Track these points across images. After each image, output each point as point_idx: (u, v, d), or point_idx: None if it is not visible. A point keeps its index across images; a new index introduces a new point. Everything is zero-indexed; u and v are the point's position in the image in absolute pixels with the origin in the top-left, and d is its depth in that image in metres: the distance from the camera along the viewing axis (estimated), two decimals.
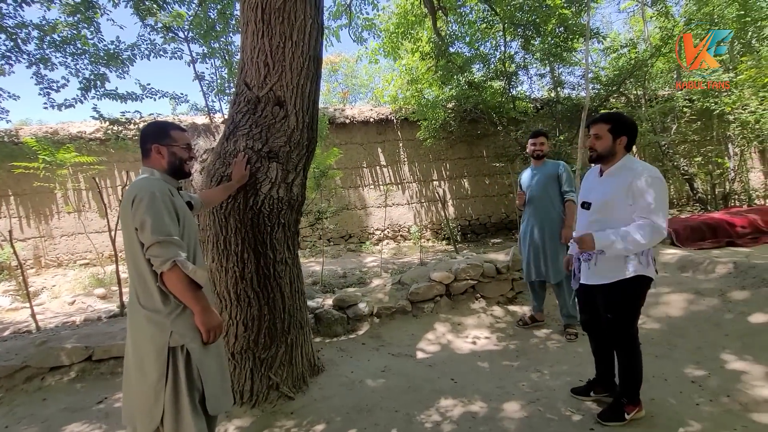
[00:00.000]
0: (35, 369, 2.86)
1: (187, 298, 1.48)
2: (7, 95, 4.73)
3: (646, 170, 1.94)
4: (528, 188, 3.38)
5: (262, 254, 2.40)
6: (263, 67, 2.33)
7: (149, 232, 1.42)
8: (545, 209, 3.28)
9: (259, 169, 2.31)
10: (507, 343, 3.23)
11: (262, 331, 2.46)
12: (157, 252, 1.42)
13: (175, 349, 1.48)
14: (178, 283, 1.45)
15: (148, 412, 1.48)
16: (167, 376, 1.46)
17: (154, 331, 1.48)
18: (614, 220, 1.97)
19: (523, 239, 3.43)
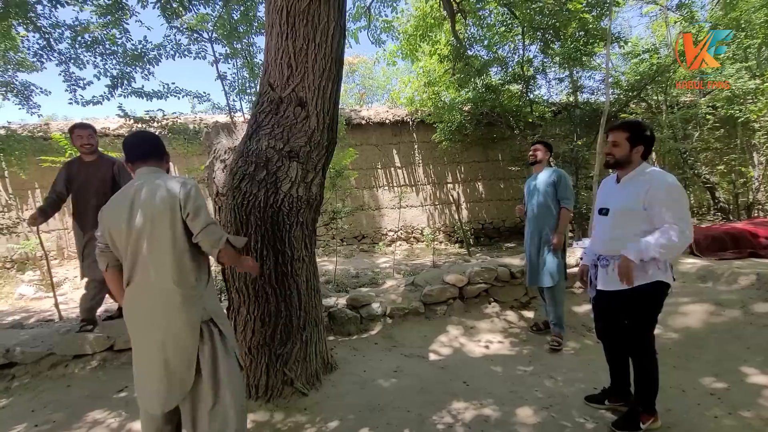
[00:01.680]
0: (60, 356, 2.96)
1: (236, 261, 1.77)
2: (39, 91, 4.93)
3: (663, 178, 1.95)
4: (528, 194, 3.47)
5: (281, 251, 2.45)
6: (286, 68, 2.38)
7: (205, 216, 1.61)
8: (542, 215, 3.31)
9: (280, 168, 2.36)
10: (520, 348, 3.22)
11: (278, 326, 2.50)
12: (213, 231, 1.62)
13: (207, 322, 1.65)
14: (232, 255, 1.69)
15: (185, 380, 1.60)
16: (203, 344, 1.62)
17: (189, 308, 1.61)
18: (632, 226, 1.97)
19: (525, 245, 3.47)
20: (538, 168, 3.41)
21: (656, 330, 2.09)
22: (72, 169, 3.16)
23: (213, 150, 2.66)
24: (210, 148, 2.72)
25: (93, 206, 3.24)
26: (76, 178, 3.16)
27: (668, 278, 1.98)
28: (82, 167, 3.20)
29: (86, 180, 3.19)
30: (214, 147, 2.66)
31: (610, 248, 2.04)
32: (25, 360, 2.90)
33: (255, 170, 2.36)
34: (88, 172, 3.20)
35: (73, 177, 3.15)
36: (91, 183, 3.19)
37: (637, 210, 1.96)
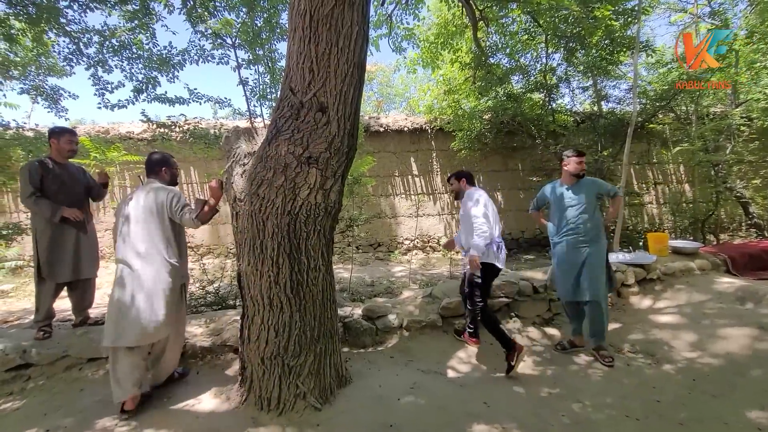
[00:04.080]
0: (75, 358, 2.95)
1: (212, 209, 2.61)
2: (68, 95, 5.05)
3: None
4: (560, 205, 3.26)
5: (297, 260, 2.38)
6: (308, 72, 2.33)
7: (182, 201, 2.59)
8: (585, 225, 3.14)
9: (299, 174, 2.30)
10: (544, 367, 3.05)
11: (292, 337, 2.43)
12: (188, 210, 2.56)
13: (183, 284, 2.68)
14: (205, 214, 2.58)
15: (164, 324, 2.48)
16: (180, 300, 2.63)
17: (174, 275, 2.54)
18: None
19: (561, 258, 3.26)
20: (570, 180, 3.24)
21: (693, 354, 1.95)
22: (46, 169, 3.13)
23: (232, 154, 2.62)
24: (229, 152, 2.69)
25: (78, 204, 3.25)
26: (58, 178, 3.15)
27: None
28: (63, 168, 3.22)
29: (72, 181, 3.25)
30: (234, 151, 2.63)
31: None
32: (41, 361, 2.90)
33: (273, 176, 2.30)
34: (70, 174, 3.26)
35: (54, 177, 3.15)
36: (77, 184, 3.28)
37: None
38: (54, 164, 3.20)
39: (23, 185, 3.06)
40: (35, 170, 3.09)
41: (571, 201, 3.20)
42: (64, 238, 3.13)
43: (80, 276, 3.24)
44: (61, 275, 3.13)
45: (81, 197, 3.35)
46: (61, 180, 3.19)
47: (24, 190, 3.05)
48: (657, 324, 3.56)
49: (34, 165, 3.12)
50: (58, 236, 3.11)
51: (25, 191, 3.05)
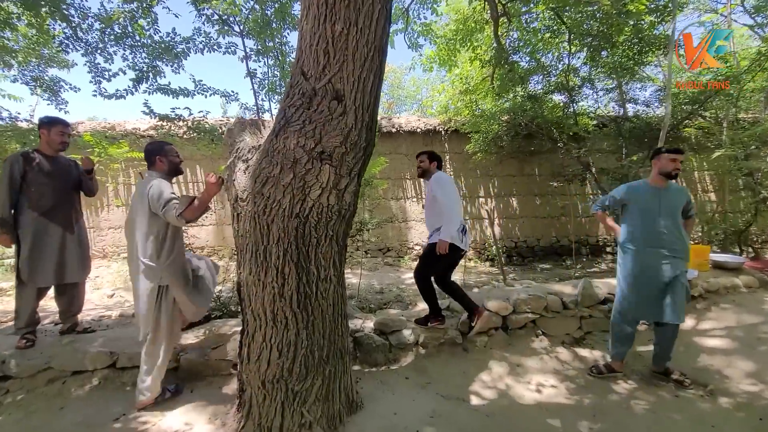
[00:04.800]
0: (57, 371, 2.67)
1: (202, 207, 2.37)
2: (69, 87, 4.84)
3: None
4: (648, 210, 2.80)
5: (305, 270, 2.07)
6: (323, 55, 2.03)
7: (166, 196, 2.33)
8: (673, 238, 2.74)
9: (310, 172, 2.00)
10: (580, 396, 2.70)
11: (298, 358, 2.12)
12: (173, 205, 2.32)
13: (161, 287, 2.42)
14: (192, 210, 2.35)
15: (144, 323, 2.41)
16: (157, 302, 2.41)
17: (149, 275, 2.39)
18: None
19: (639, 270, 2.79)
20: (661, 181, 2.82)
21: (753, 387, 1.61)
22: (30, 162, 2.87)
23: (235, 149, 2.33)
24: (232, 146, 2.40)
25: (67, 201, 3.00)
26: (45, 173, 2.90)
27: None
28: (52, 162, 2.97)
29: (61, 175, 2.99)
30: (237, 145, 2.34)
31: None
32: (21, 374, 2.63)
33: (280, 173, 2.00)
34: (60, 168, 3.01)
35: (39, 171, 2.88)
36: (67, 179, 3.03)
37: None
38: (42, 157, 2.94)
39: (2, 178, 2.81)
40: (17, 164, 2.84)
41: (663, 206, 2.76)
42: (48, 238, 2.87)
43: (65, 280, 2.97)
44: (42, 279, 2.87)
45: (70, 193, 3.09)
46: (49, 174, 2.93)
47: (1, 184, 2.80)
48: (704, 348, 3.19)
49: (17, 157, 2.87)
50: (40, 235, 2.85)
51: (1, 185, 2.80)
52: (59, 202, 2.97)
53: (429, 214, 3.30)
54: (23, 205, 2.86)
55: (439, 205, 3.11)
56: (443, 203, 3.09)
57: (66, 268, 2.96)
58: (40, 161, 2.93)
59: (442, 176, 3.24)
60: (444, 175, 3.29)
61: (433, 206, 3.21)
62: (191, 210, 2.34)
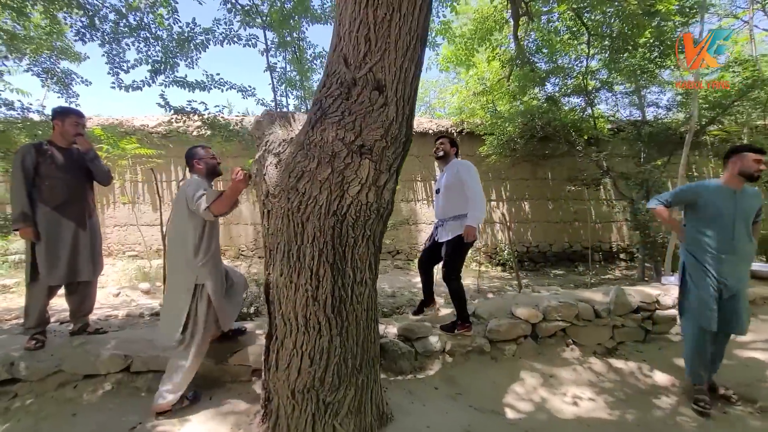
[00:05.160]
0: (69, 375, 2.53)
1: (228, 201, 2.35)
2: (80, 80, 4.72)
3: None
4: (726, 213, 2.58)
5: (341, 272, 1.93)
6: (364, 42, 1.90)
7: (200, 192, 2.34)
8: (745, 245, 2.56)
9: (349, 166, 1.86)
10: (621, 411, 2.55)
11: (330, 367, 1.97)
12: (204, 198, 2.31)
13: (197, 286, 2.36)
14: (220, 203, 2.33)
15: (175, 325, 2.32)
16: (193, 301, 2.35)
17: (187, 273, 2.36)
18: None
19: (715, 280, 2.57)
20: (738, 183, 2.59)
21: None
22: (43, 154, 2.73)
23: (264, 142, 2.20)
24: (260, 139, 2.26)
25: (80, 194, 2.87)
26: (58, 165, 2.76)
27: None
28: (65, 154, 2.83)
29: (75, 168, 2.86)
30: (266, 138, 2.20)
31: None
32: (30, 377, 2.48)
33: (317, 167, 1.87)
34: (74, 160, 2.87)
35: (52, 163, 2.74)
36: (81, 172, 2.89)
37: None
38: (55, 149, 2.81)
39: (14, 170, 2.68)
40: (30, 155, 2.71)
41: (739, 210, 2.55)
42: (61, 234, 2.73)
43: (77, 278, 2.83)
44: (54, 276, 2.73)
45: (84, 186, 2.95)
46: (62, 167, 2.79)
47: (15, 176, 2.67)
48: (746, 362, 3.04)
49: (30, 148, 2.74)
50: (53, 231, 2.71)
51: (15, 177, 2.68)
52: (72, 195, 2.83)
53: (446, 200, 3.17)
54: (35, 199, 2.73)
55: (467, 189, 3.05)
56: (472, 188, 3.04)
57: (78, 265, 2.83)
58: (52, 153, 2.79)
59: (468, 162, 3.19)
60: (468, 162, 3.21)
61: (453, 192, 3.12)
62: (218, 203, 2.31)
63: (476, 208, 3.01)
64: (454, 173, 3.16)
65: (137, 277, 7.30)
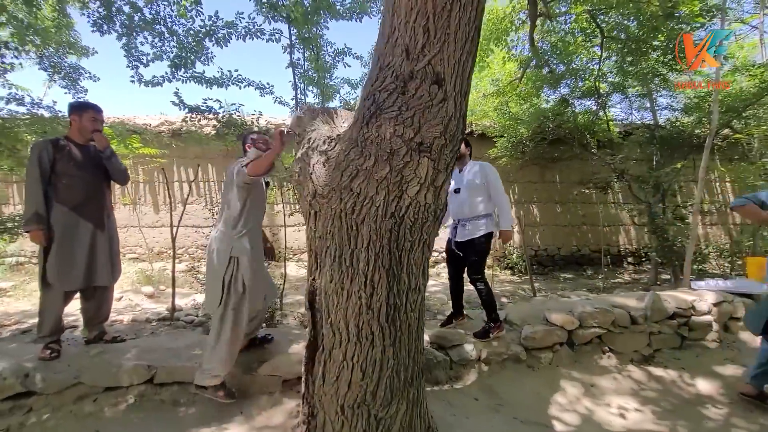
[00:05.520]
0: (88, 387, 2.36)
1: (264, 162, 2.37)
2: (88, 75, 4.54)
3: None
4: None
5: (396, 278, 1.80)
6: (422, 33, 1.77)
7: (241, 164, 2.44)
8: None
9: (408, 165, 1.74)
10: (672, 422, 2.44)
11: (383, 380, 1.84)
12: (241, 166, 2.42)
13: (232, 258, 2.41)
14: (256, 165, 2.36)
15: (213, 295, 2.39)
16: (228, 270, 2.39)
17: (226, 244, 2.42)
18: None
19: None
20: None
21: None
22: (61, 150, 2.58)
23: (306, 139, 2.06)
24: (301, 136, 2.13)
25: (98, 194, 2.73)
26: (76, 162, 2.62)
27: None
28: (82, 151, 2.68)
29: (93, 166, 2.71)
30: (308, 135, 2.07)
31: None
32: (46, 389, 2.30)
33: (374, 165, 1.74)
34: (91, 158, 2.73)
35: (70, 160, 2.59)
36: (98, 170, 2.75)
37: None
38: (72, 145, 2.65)
39: (30, 167, 2.51)
40: (47, 151, 2.54)
41: None
42: (78, 236, 2.57)
43: (94, 282, 2.67)
44: (70, 281, 2.56)
45: (102, 185, 2.80)
46: (80, 164, 2.63)
47: (30, 173, 2.51)
48: None
49: (47, 144, 2.57)
50: (70, 232, 2.55)
51: (31, 174, 2.51)
52: (91, 195, 2.68)
53: (470, 200, 3.13)
54: (51, 199, 2.57)
55: (494, 191, 3.09)
56: (499, 190, 3.09)
57: (96, 269, 2.66)
58: (70, 149, 2.63)
59: (491, 166, 3.23)
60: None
61: (476, 192, 3.11)
62: (253, 165, 2.37)
63: (507, 210, 3.09)
64: (476, 173, 3.15)
65: (140, 280, 7.08)
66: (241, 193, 2.48)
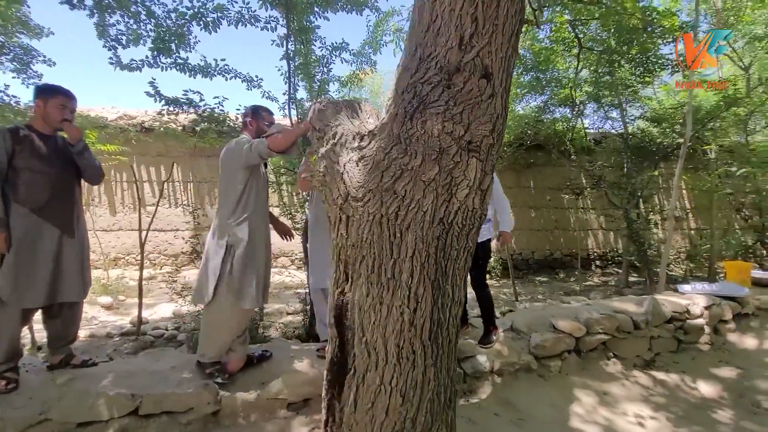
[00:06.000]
0: (58, 424, 1.98)
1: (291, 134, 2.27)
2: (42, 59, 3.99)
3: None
4: None
5: (441, 291, 1.63)
6: (470, 22, 1.62)
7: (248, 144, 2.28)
8: None
9: (458, 165, 1.57)
10: (687, 428, 2.44)
11: (423, 404, 1.66)
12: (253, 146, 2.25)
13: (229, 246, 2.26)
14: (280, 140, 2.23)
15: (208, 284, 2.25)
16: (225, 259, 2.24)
17: (223, 230, 2.29)
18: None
19: None
20: None
21: None
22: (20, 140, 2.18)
23: (332, 134, 1.85)
24: (323, 132, 1.91)
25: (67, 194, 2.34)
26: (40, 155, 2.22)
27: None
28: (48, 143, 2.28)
29: (60, 160, 2.32)
30: (334, 130, 1.86)
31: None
32: (5, 428, 1.90)
33: (421, 165, 1.56)
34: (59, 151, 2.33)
35: (33, 153, 2.21)
36: (67, 165, 2.35)
37: None
38: (35, 136, 2.25)
39: None
40: (4, 141, 2.14)
41: None
42: (41, 243, 2.18)
43: (59, 299, 2.27)
44: (30, 297, 2.16)
45: (71, 184, 2.41)
46: (44, 158, 2.24)
47: None
48: None
49: (3, 134, 2.16)
50: (32, 239, 2.15)
51: None
52: (57, 195, 2.28)
53: None
54: (8, 198, 2.16)
55: (495, 194, 3.06)
56: (499, 191, 3.10)
57: (63, 283, 2.26)
58: (32, 140, 2.23)
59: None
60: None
61: None
62: (276, 138, 2.22)
63: (508, 213, 3.18)
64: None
65: (95, 290, 6.39)
66: (244, 172, 2.31)
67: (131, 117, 7.97)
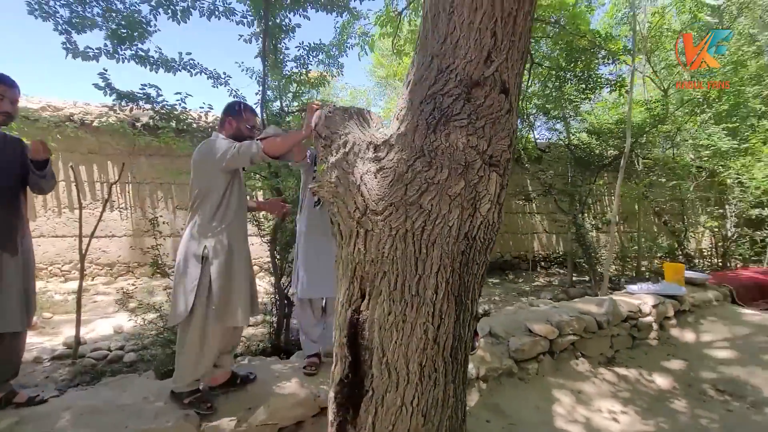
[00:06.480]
0: None
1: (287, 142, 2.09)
2: None
3: None
4: None
5: (463, 306, 1.61)
6: (489, 37, 1.62)
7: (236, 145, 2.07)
8: None
9: (481, 180, 1.57)
10: (655, 421, 2.67)
11: (443, 423, 1.63)
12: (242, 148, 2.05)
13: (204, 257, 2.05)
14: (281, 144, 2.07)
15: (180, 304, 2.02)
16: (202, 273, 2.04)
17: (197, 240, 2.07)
18: None
19: None
20: None
21: None
22: None
23: (342, 143, 1.75)
24: (330, 139, 1.81)
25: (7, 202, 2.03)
26: None
27: None
28: None
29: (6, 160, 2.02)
30: (344, 138, 1.76)
31: None
32: None
33: (447, 179, 1.53)
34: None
35: None
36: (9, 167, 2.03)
37: None
38: None
39: None
40: None
41: None
42: None
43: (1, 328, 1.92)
44: None
45: (13, 191, 2.07)
46: None
47: None
48: (719, 360, 3.50)
49: None
50: None
51: None
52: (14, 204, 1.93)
53: None
54: None
55: None
56: None
57: (3, 310, 1.91)
58: None
59: None
60: None
61: None
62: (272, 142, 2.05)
63: None
64: None
65: None
66: (225, 176, 2.12)
67: (57, 108, 7.03)
